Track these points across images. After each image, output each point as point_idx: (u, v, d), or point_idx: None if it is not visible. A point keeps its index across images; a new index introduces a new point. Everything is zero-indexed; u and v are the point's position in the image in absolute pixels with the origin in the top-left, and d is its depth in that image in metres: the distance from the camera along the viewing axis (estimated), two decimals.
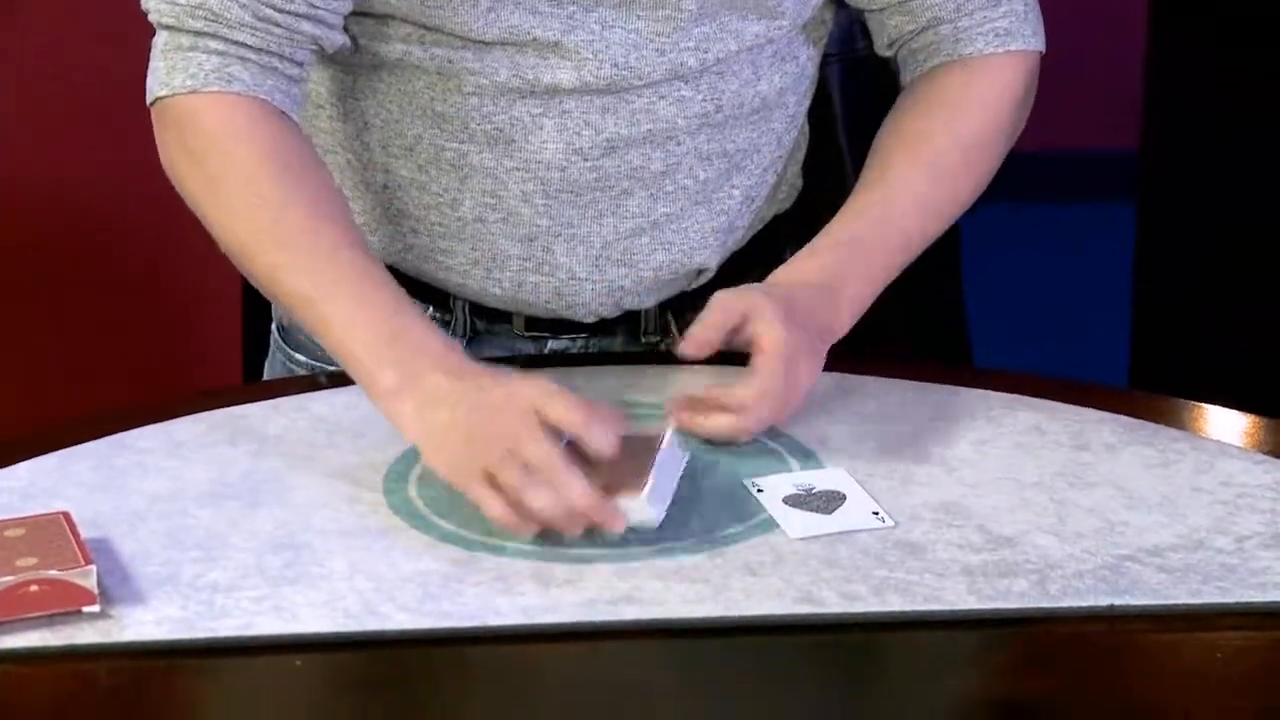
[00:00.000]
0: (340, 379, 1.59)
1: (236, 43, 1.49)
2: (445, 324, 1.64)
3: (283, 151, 1.50)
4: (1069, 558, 1.31)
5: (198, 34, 1.49)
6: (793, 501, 1.38)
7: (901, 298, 2.04)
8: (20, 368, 2.94)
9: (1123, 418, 1.50)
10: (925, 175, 1.59)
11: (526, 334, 1.64)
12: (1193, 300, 3.14)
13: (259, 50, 1.49)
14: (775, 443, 1.46)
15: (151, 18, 1.53)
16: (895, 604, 1.26)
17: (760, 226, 1.69)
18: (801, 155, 1.71)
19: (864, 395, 1.54)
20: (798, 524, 1.35)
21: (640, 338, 1.66)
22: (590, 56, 1.53)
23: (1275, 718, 1.20)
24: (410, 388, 1.39)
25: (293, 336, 1.70)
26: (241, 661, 1.23)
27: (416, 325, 1.43)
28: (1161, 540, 1.33)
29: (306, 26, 1.51)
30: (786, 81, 1.62)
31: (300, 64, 1.52)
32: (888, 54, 1.66)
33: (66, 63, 2.80)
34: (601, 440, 1.33)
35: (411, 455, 1.44)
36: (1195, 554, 1.31)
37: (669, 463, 1.36)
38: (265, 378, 1.74)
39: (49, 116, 2.84)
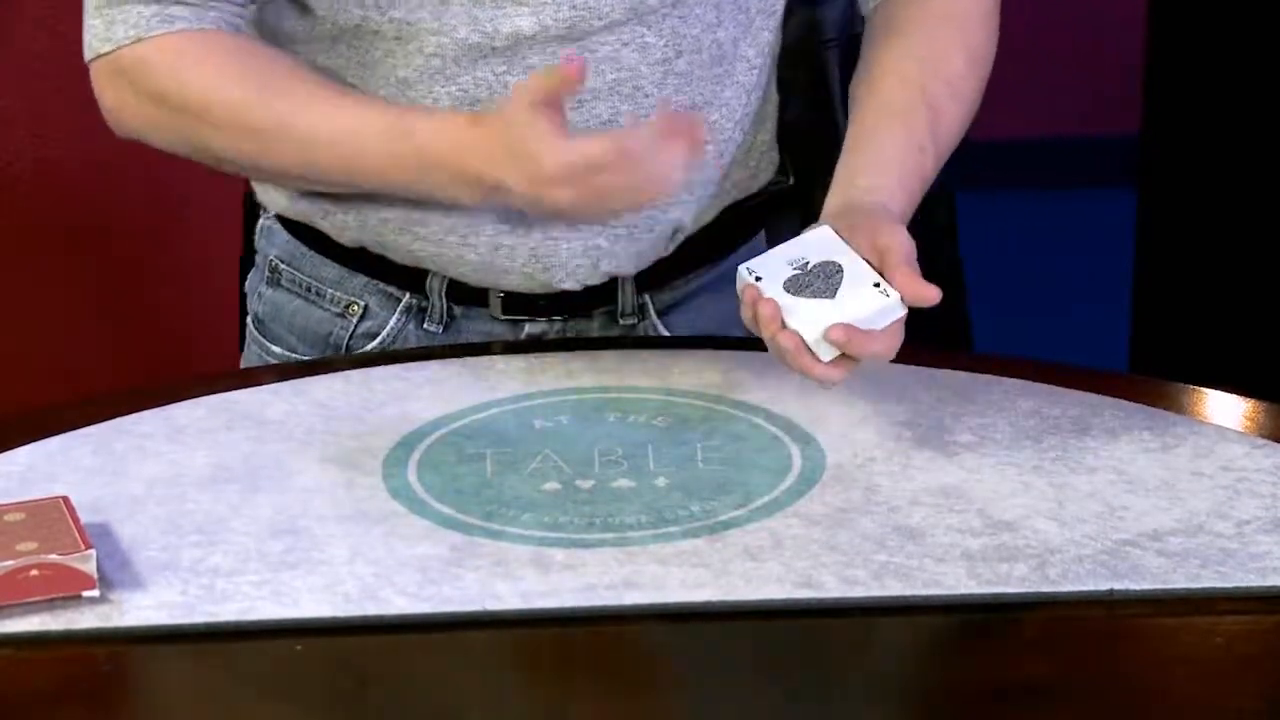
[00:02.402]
0: (342, 365, 1.59)
1: None
2: (421, 310, 1.64)
3: (240, 53, 1.53)
4: (1069, 542, 1.31)
5: None
6: (793, 286, 1.39)
7: None
8: (20, 352, 2.94)
9: (1123, 402, 1.50)
10: (951, 99, 1.59)
11: (504, 316, 1.64)
12: (1193, 285, 3.14)
13: None
14: (774, 426, 1.46)
15: None
16: (895, 588, 1.26)
17: (740, 196, 1.69)
18: (772, 126, 1.71)
19: (863, 379, 1.54)
20: (806, 322, 1.37)
21: (618, 319, 1.66)
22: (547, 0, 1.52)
23: (1275, 702, 1.20)
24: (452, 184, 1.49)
25: (269, 329, 1.70)
26: (241, 646, 1.23)
27: (420, 121, 1.51)
28: (1161, 525, 1.33)
29: None
30: (739, 31, 1.61)
31: (239, 4, 1.54)
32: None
33: (64, 49, 2.79)
34: (569, 70, 1.42)
35: (411, 440, 1.44)
36: (1195, 538, 1.31)
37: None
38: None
39: (47, 102, 2.84)
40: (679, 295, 1.69)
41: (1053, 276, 4.10)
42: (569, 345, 1.62)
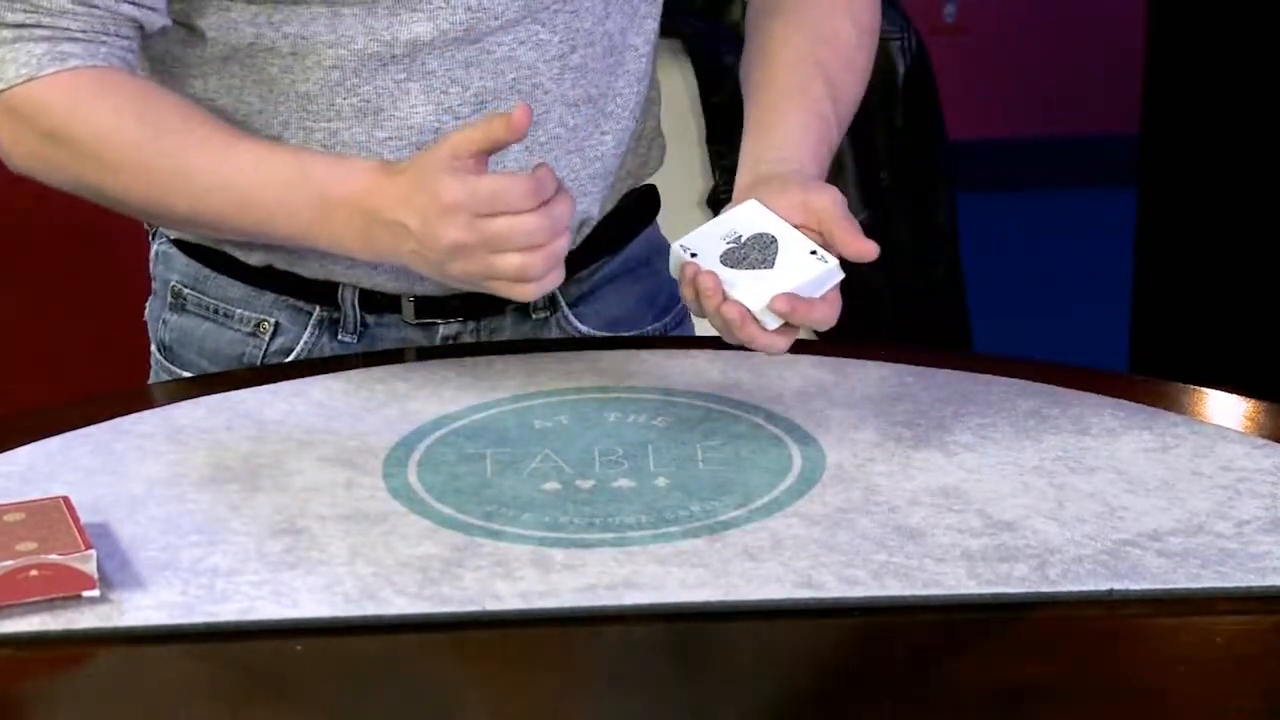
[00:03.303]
0: (338, 364, 1.59)
1: (61, 28, 1.49)
2: (334, 322, 1.64)
3: (134, 97, 1.52)
4: (1069, 542, 1.31)
5: (19, 26, 1.49)
6: (730, 260, 1.41)
7: (902, 282, 2.04)
8: (20, 352, 2.94)
9: (1123, 402, 1.50)
10: (845, 71, 1.61)
11: (416, 320, 1.64)
12: (1193, 285, 3.14)
13: (84, 31, 1.50)
14: (774, 426, 1.46)
15: None
16: (895, 588, 1.26)
17: (635, 184, 1.71)
18: (657, 111, 1.73)
19: (863, 379, 1.54)
20: (750, 293, 1.39)
21: (530, 314, 1.66)
22: (443, 4, 1.52)
23: (1275, 702, 1.20)
24: (345, 229, 1.47)
25: (178, 355, 1.69)
26: (241, 646, 1.23)
27: (321, 163, 1.50)
28: (1161, 525, 1.33)
29: (126, 9, 1.52)
30: (625, 21, 1.63)
31: (128, 38, 1.53)
32: None
33: None
34: (513, 120, 1.41)
35: (411, 439, 1.44)
36: (1195, 538, 1.31)
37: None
38: None
39: None
40: (586, 287, 1.69)
41: (1053, 276, 4.11)
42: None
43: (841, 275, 1.42)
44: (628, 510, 1.35)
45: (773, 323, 1.40)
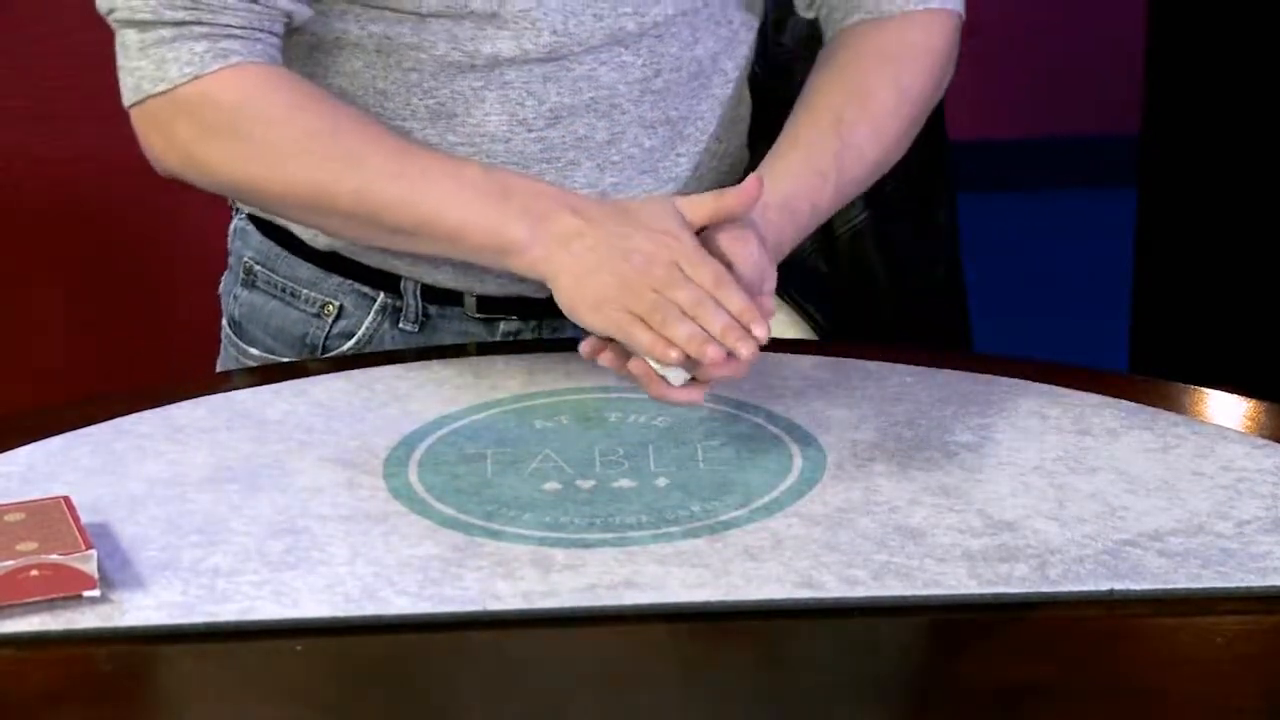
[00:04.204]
0: (337, 365, 1.59)
1: (222, 25, 1.50)
2: (396, 310, 1.64)
3: (305, 92, 1.52)
4: (1069, 542, 1.31)
5: (180, 24, 1.49)
6: None
7: (902, 282, 2.04)
8: (20, 352, 2.94)
9: (1123, 402, 1.50)
10: (871, 134, 1.58)
11: (479, 315, 1.64)
12: (1193, 285, 3.14)
13: (243, 28, 1.50)
14: (774, 426, 1.46)
15: (117, 16, 1.51)
16: (895, 588, 1.26)
17: None
18: (744, 129, 1.71)
19: (864, 379, 1.54)
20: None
21: None
22: (529, 25, 1.53)
23: (1275, 702, 1.20)
24: (543, 234, 1.44)
25: (246, 330, 1.70)
26: (242, 646, 1.23)
27: (519, 178, 1.48)
28: (1162, 525, 1.33)
29: (282, 2, 1.52)
30: (720, 46, 1.62)
31: (278, 35, 1.54)
32: (808, 15, 1.68)
33: (65, 49, 2.79)
34: (743, 192, 1.42)
35: (412, 439, 1.44)
36: (1195, 539, 1.31)
37: None
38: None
39: (48, 102, 2.84)
40: None
41: (1053, 276, 4.10)
42: (547, 346, 1.61)
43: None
44: (628, 510, 1.35)
45: (678, 378, 1.40)
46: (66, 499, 1.30)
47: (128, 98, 1.52)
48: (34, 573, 1.23)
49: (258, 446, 1.44)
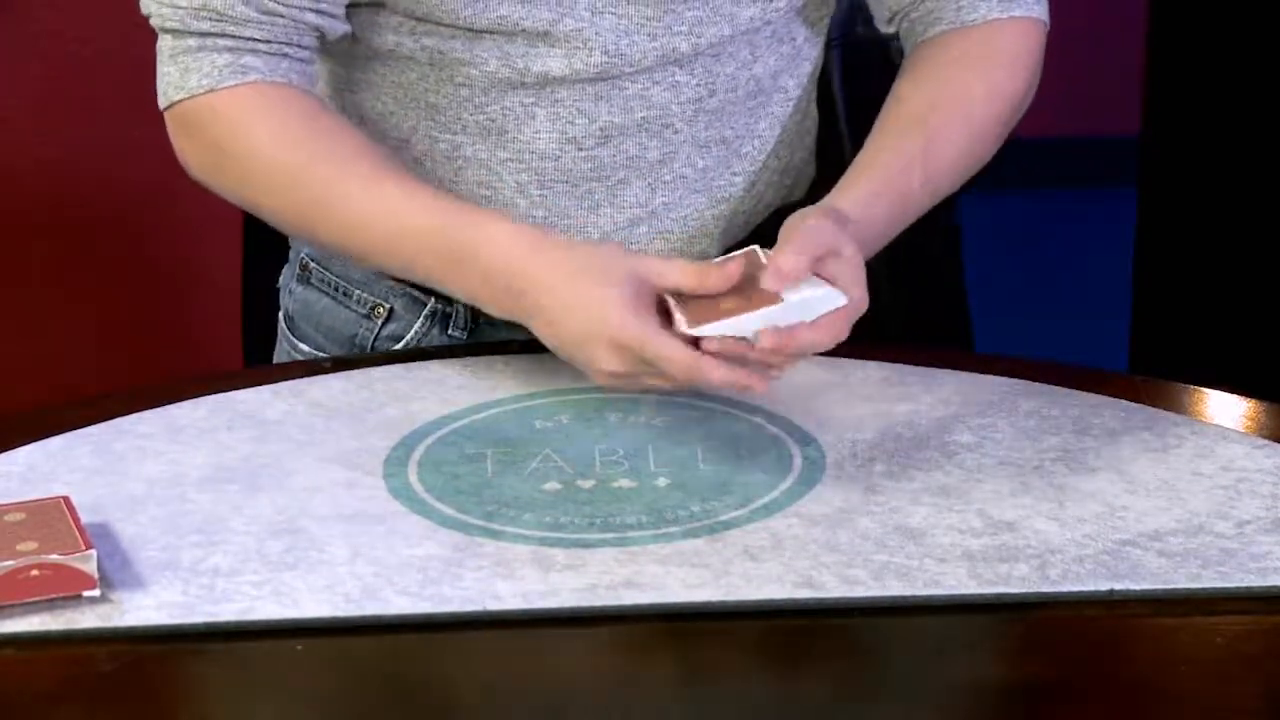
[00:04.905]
0: (340, 364, 1.59)
1: (245, 38, 1.50)
2: (446, 316, 1.64)
3: (303, 116, 1.51)
4: (1069, 543, 1.31)
5: (204, 35, 1.50)
6: None
7: (902, 282, 2.04)
8: (20, 352, 2.94)
9: (1123, 402, 1.50)
10: (961, 120, 1.56)
11: None
12: (1193, 285, 3.14)
13: (268, 42, 1.50)
14: (774, 425, 1.46)
15: (154, 22, 1.53)
16: (895, 589, 1.26)
17: (768, 214, 1.68)
18: (811, 142, 1.70)
19: (864, 379, 1.54)
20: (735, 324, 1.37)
21: None
22: (580, 45, 1.52)
23: (1275, 702, 1.20)
24: (506, 304, 1.45)
25: (298, 326, 1.70)
26: (242, 646, 1.23)
27: (481, 239, 1.45)
28: (1162, 525, 1.33)
29: (310, 17, 1.51)
30: (782, 64, 1.61)
31: (308, 49, 1.53)
32: (889, 30, 1.65)
33: (65, 49, 2.80)
34: (726, 272, 1.37)
35: (412, 440, 1.44)
36: (1195, 539, 1.31)
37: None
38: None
39: (47, 102, 2.84)
40: None
41: (1053, 276, 4.10)
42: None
43: (842, 302, 1.38)
44: (628, 510, 1.35)
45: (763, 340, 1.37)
46: (66, 499, 1.30)
47: (160, 100, 1.54)
48: (34, 573, 1.23)
49: (258, 446, 1.44)
